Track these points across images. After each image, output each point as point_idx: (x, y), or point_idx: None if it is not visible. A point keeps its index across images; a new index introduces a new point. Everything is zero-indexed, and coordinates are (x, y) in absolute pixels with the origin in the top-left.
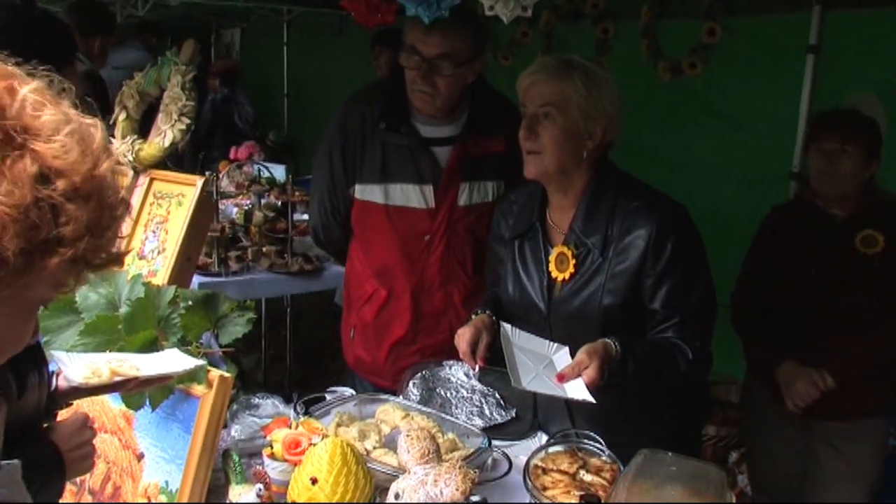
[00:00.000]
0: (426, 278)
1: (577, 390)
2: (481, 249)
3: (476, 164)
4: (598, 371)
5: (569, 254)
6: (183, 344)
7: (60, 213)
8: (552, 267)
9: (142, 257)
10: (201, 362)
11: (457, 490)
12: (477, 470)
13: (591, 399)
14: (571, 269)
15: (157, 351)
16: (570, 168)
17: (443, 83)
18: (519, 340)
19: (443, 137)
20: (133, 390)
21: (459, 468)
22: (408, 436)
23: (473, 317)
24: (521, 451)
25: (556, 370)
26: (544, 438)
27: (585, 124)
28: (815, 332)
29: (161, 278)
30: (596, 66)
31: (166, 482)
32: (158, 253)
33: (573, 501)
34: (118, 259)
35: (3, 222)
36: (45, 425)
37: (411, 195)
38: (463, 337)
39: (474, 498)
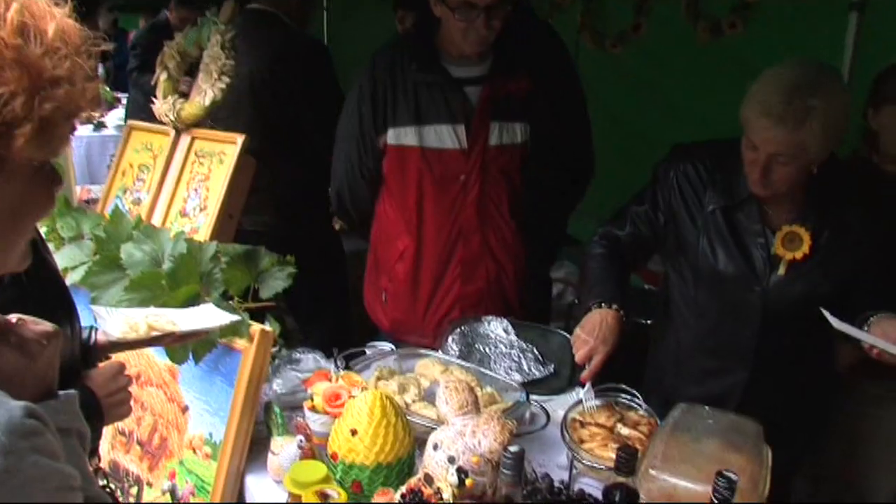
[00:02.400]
0: (463, 221)
1: None
2: (515, 193)
3: (504, 103)
4: None
5: (804, 235)
6: (225, 298)
7: None
8: (778, 244)
9: (184, 215)
10: (237, 317)
11: (495, 441)
12: (515, 422)
13: None
14: (805, 251)
15: (201, 305)
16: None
17: (498, 23)
18: (839, 323)
19: (473, 77)
20: (170, 345)
21: (498, 419)
22: (447, 387)
23: (595, 308)
24: (558, 405)
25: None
26: (581, 393)
27: (819, 157)
28: None
29: (203, 235)
30: (835, 88)
31: (210, 434)
32: (200, 210)
33: (610, 454)
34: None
35: None
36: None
37: (445, 136)
38: (582, 344)
39: (512, 448)
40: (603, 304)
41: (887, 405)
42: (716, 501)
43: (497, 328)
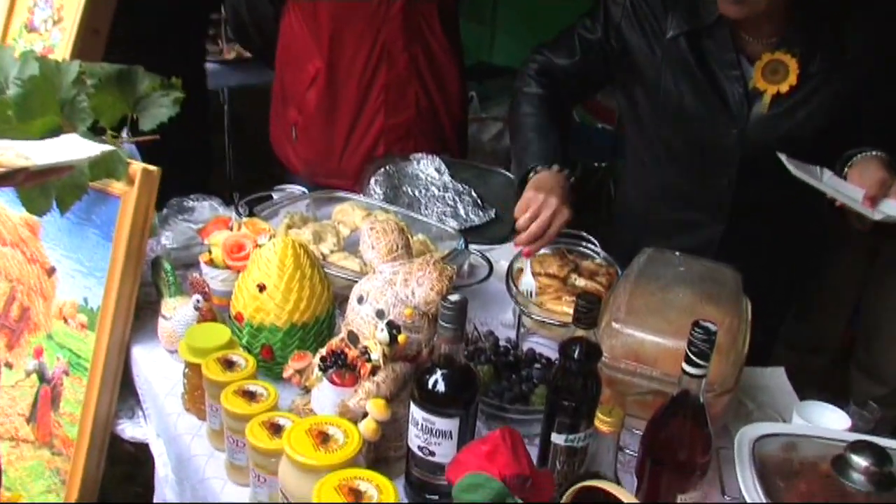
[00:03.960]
0: (387, 37)
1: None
2: (447, 6)
3: None
4: None
5: (789, 62)
6: (95, 132)
7: None
8: (757, 76)
9: (32, 30)
10: (110, 147)
11: (431, 290)
12: (454, 267)
13: None
14: (792, 81)
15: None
16: None
17: None
18: (797, 170)
19: None
20: (24, 185)
21: (434, 265)
22: (372, 229)
23: (536, 173)
24: (502, 255)
25: (843, 195)
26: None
27: None
28: None
29: (61, 56)
30: None
31: (85, 299)
32: (54, 24)
33: (564, 308)
34: None
35: None
36: None
37: None
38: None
39: (453, 297)
40: (554, 167)
41: None
42: (691, 356)
43: (428, 167)
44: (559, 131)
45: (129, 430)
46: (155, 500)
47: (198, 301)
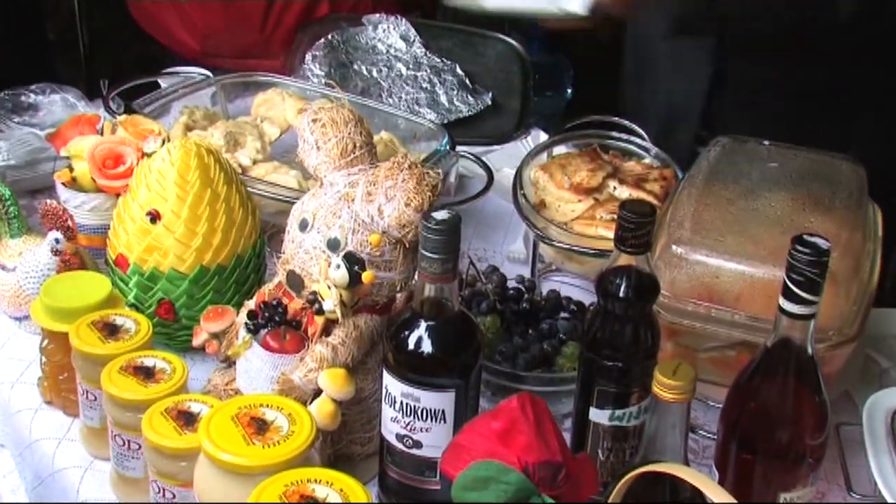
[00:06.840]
0: None
1: None
2: None
3: None
4: None
5: None
6: None
7: None
8: None
9: None
10: None
11: (407, 205)
12: (439, 173)
13: None
14: None
15: None
16: None
17: None
18: None
19: None
20: None
21: (410, 169)
22: (315, 121)
23: None
24: (505, 159)
25: None
26: (542, 138)
27: None
28: None
29: None
30: None
31: None
32: None
33: (601, 232)
34: None
35: None
36: None
37: None
38: None
39: (439, 214)
40: None
41: None
42: (792, 288)
43: (391, 35)
44: None
45: None
46: None
47: (56, 241)
